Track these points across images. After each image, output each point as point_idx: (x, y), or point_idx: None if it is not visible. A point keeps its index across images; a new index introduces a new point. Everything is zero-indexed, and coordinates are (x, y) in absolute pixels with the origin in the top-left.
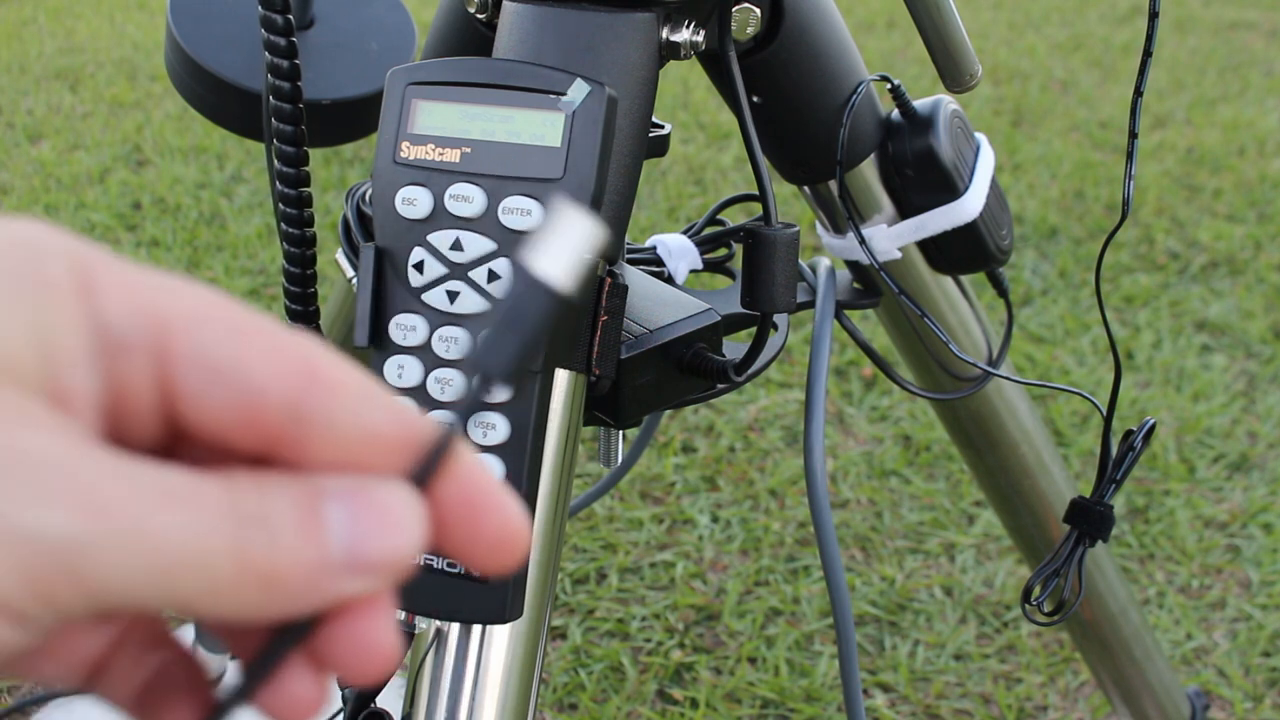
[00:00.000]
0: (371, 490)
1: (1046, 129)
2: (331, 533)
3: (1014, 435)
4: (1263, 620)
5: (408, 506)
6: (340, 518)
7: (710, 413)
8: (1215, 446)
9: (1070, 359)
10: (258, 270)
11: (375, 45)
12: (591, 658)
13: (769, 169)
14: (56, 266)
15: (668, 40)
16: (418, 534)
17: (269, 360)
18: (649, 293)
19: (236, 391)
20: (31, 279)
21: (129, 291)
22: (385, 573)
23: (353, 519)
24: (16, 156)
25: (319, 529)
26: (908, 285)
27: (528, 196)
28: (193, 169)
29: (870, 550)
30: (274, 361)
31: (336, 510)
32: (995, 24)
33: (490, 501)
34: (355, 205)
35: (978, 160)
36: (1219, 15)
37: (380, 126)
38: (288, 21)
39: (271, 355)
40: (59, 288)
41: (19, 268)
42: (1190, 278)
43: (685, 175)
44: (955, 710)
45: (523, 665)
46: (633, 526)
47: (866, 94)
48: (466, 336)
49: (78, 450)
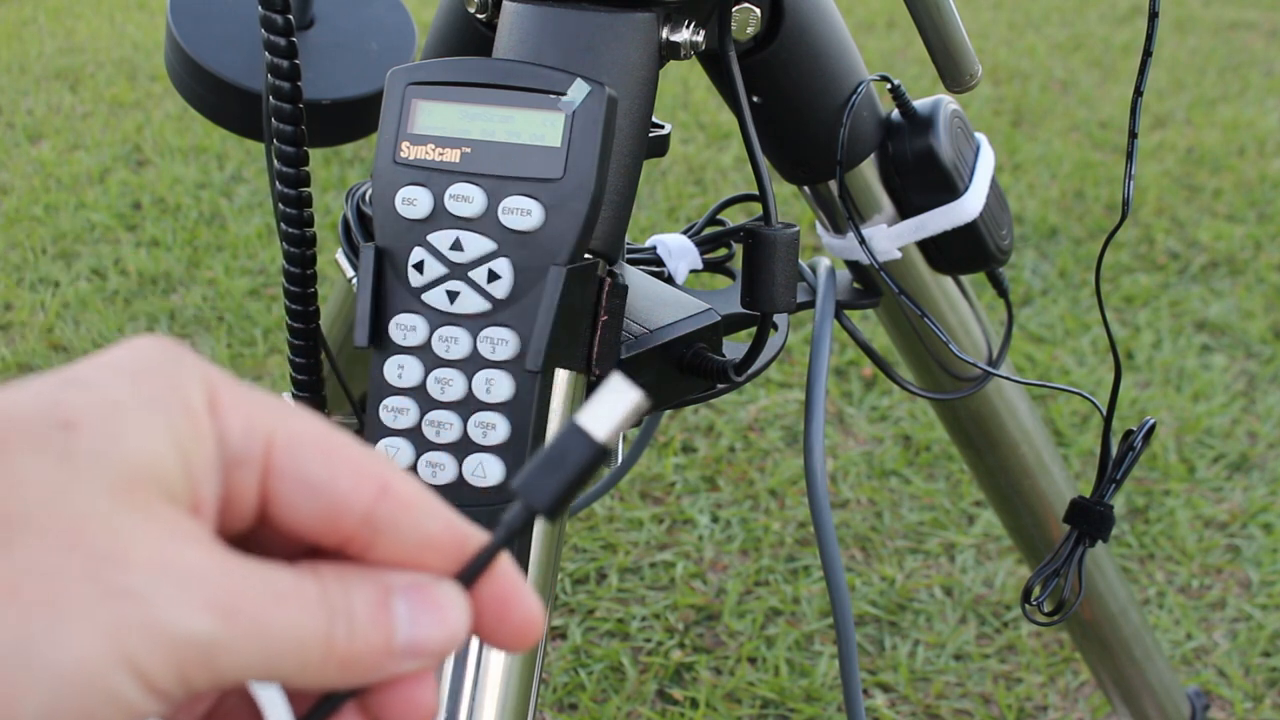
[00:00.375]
0: (430, 589)
1: (1046, 129)
2: (398, 624)
3: (1014, 435)
4: (1263, 620)
5: (458, 604)
6: (404, 612)
7: (710, 413)
8: (1215, 446)
9: (1070, 359)
10: (258, 270)
11: (375, 45)
12: (591, 658)
13: (769, 169)
14: (196, 391)
15: (668, 40)
16: (465, 627)
17: (352, 478)
18: (649, 293)
19: (325, 504)
20: (177, 404)
21: (244, 412)
22: (436, 657)
23: (414, 613)
24: (17, 156)
25: (389, 621)
26: (908, 285)
27: (528, 196)
28: (193, 169)
29: (870, 550)
30: (356, 479)
31: (402, 606)
32: (995, 24)
33: (518, 597)
34: (355, 205)
35: (978, 160)
36: (1219, 15)
37: (380, 126)
38: (288, 21)
39: (355, 474)
40: (197, 411)
41: (165, 393)
42: (1190, 278)
43: (685, 175)
44: (955, 710)
45: (523, 665)
46: (633, 526)
47: (866, 94)
48: (467, 336)
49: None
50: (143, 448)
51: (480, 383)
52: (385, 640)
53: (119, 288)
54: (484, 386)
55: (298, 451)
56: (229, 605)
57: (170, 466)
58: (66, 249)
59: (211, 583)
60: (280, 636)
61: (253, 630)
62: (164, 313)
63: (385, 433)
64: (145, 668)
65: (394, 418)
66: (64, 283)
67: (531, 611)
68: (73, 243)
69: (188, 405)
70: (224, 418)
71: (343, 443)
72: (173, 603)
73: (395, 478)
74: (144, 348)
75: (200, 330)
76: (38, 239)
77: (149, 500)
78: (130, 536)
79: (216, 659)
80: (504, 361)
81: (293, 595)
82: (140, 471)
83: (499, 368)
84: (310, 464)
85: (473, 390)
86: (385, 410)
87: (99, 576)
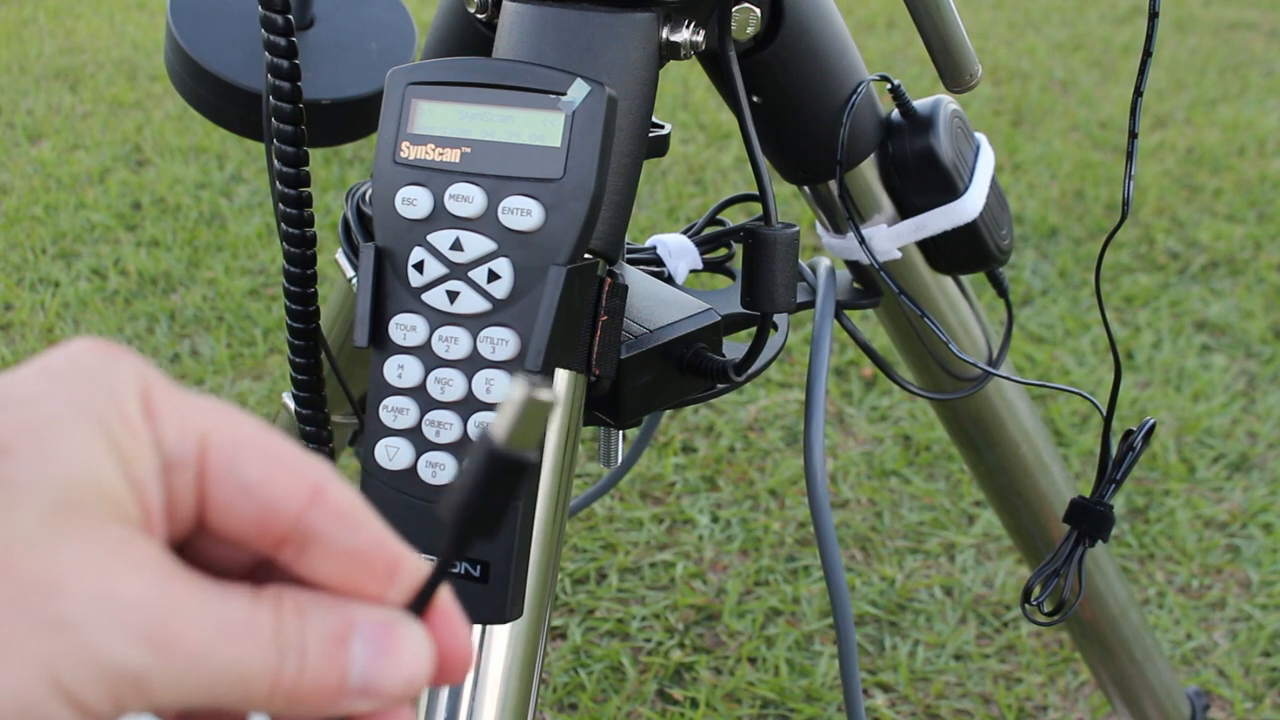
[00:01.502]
0: (394, 631)
1: (1046, 129)
2: (354, 664)
3: (1014, 435)
4: (1263, 620)
5: (420, 649)
6: (362, 651)
7: (710, 413)
8: (1215, 446)
9: (1070, 359)
10: (258, 270)
11: (375, 45)
12: (591, 658)
13: (769, 169)
14: (130, 395)
15: (668, 40)
16: (424, 674)
17: (286, 480)
18: (649, 293)
19: (258, 505)
20: (113, 412)
21: (178, 414)
22: (394, 700)
23: (372, 655)
24: (16, 156)
25: (343, 661)
26: (908, 285)
27: (528, 196)
28: (193, 169)
29: (870, 550)
30: (290, 481)
31: (360, 645)
32: (995, 24)
33: (455, 627)
34: (355, 205)
35: (978, 160)
36: (1219, 15)
37: (380, 126)
38: (288, 21)
39: (289, 476)
40: (133, 417)
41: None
42: (1190, 278)
43: (685, 175)
44: (955, 710)
45: (523, 665)
46: (633, 526)
47: (866, 94)
48: (467, 336)
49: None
50: (81, 464)
51: (480, 383)
52: (337, 681)
53: (119, 288)
54: (484, 386)
55: (232, 453)
56: (164, 636)
57: (113, 480)
58: (66, 249)
59: (148, 612)
60: (222, 668)
61: (190, 662)
62: (164, 313)
63: (385, 433)
64: (79, 695)
65: (394, 418)
66: (64, 283)
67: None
68: (73, 243)
69: (123, 412)
70: (159, 421)
71: (279, 445)
72: (105, 633)
73: (330, 484)
74: (76, 354)
75: (200, 330)
76: (38, 239)
77: (90, 522)
78: (66, 564)
79: (151, 688)
80: (504, 361)
81: (241, 627)
82: (79, 491)
83: (499, 368)
84: (244, 465)
85: (473, 390)
86: (385, 410)
87: (31, 606)
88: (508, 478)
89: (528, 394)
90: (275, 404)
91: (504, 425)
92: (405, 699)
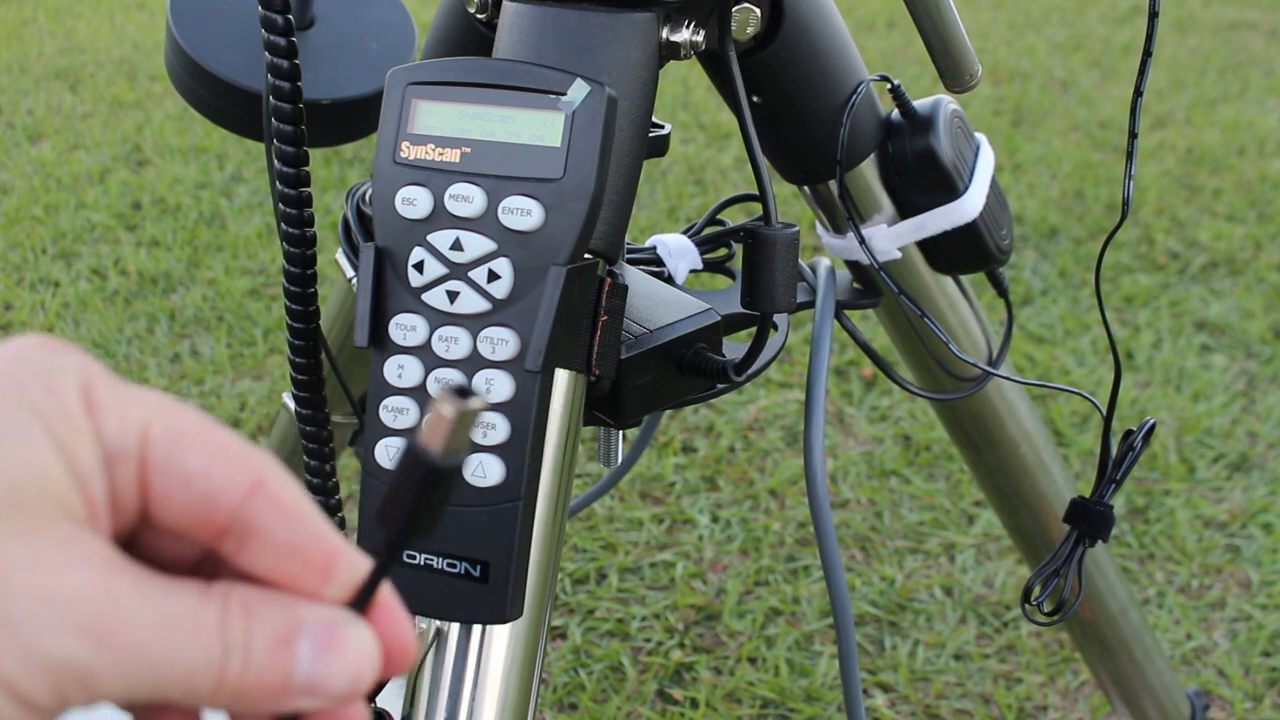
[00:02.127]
0: (341, 631)
1: (1046, 129)
2: (299, 663)
3: (1014, 435)
4: (1262, 620)
5: (366, 650)
6: (308, 651)
7: (710, 413)
8: (1215, 446)
9: (1070, 359)
10: (258, 270)
11: (375, 45)
12: (591, 658)
13: (769, 169)
14: (71, 392)
15: (668, 40)
16: (370, 674)
17: (226, 471)
18: (649, 293)
19: (198, 496)
20: (54, 407)
21: (119, 406)
22: (339, 700)
23: (318, 654)
24: (17, 156)
25: (289, 659)
26: (908, 285)
27: (528, 196)
28: (193, 169)
29: (870, 550)
30: (230, 472)
31: (306, 645)
32: (995, 24)
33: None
34: (355, 205)
35: (978, 160)
36: (1219, 15)
37: (380, 126)
38: (288, 21)
39: (229, 467)
40: (75, 413)
41: (41, 397)
42: (1190, 278)
43: (685, 175)
44: (955, 710)
45: (523, 665)
46: (633, 526)
47: (866, 94)
48: (467, 336)
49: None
50: (23, 461)
51: (480, 383)
52: (282, 679)
53: (119, 288)
54: (484, 386)
55: (173, 444)
56: (106, 631)
57: (57, 475)
58: (66, 249)
59: (90, 607)
60: (165, 663)
61: (132, 657)
62: (164, 313)
63: (385, 433)
64: (21, 689)
65: (394, 418)
66: (64, 283)
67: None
68: (73, 243)
69: (64, 406)
70: (100, 414)
71: (220, 436)
72: (47, 629)
73: (272, 477)
74: (16, 351)
75: (200, 330)
76: (38, 239)
77: (35, 518)
78: (8, 561)
79: (94, 682)
80: (504, 361)
81: (185, 622)
82: (23, 488)
83: (499, 368)
84: (185, 456)
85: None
86: (385, 410)
87: None
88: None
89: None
90: (275, 404)
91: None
92: (352, 697)
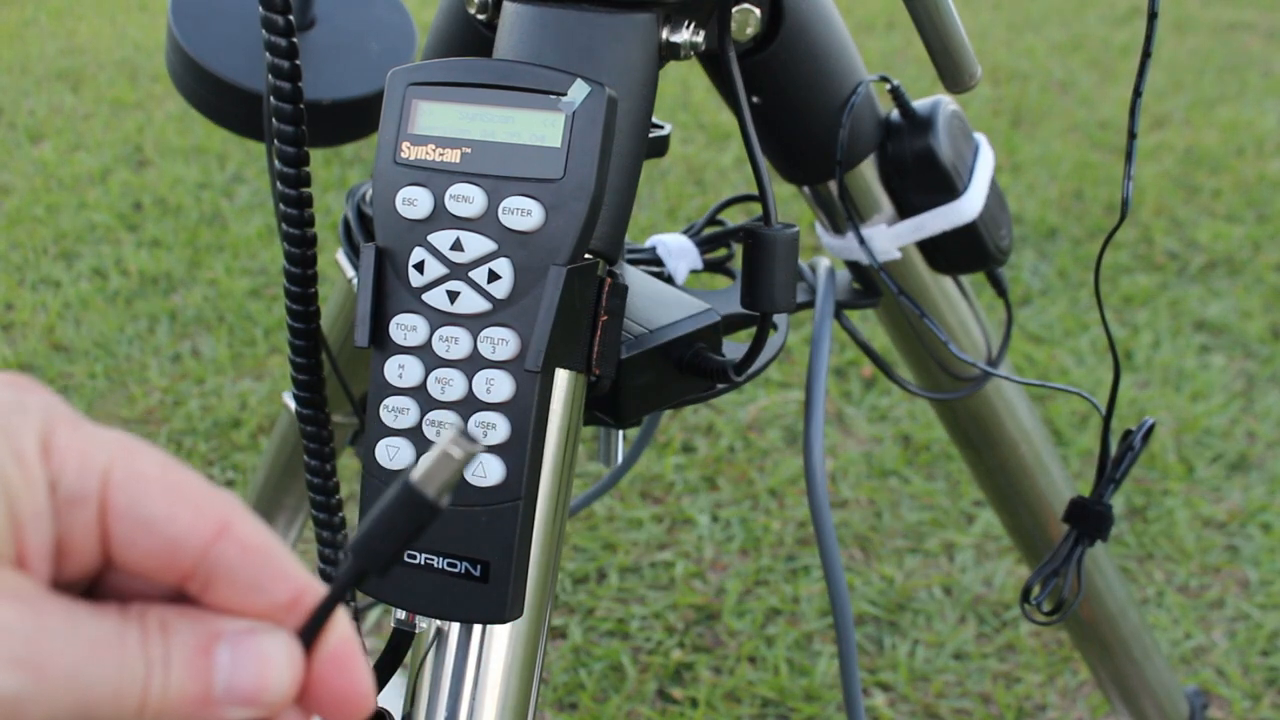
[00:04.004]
0: (258, 637)
1: (1046, 129)
2: (219, 672)
3: (1013, 435)
4: (1261, 620)
5: (284, 654)
6: (226, 660)
7: (710, 413)
8: (1214, 446)
9: (1069, 359)
10: (258, 270)
11: (376, 46)
12: (591, 657)
13: (769, 169)
14: (29, 434)
15: (667, 41)
16: (289, 679)
17: (191, 515)
18: (649, 293)
19: (160, 540)
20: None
21: (80, 451)
22: (261, 706)
23: (238, 661)
24: (18, 157)
25: (208, 670)
26: (907, 285)
27: (528, 197)
28: (194, 169)
29: (870, 550)
30: (195, 516)
31: (224, 654)
32: (995, 24)
33: (354, 663)
34: (356, 205)
35: (977, 160)
36: (1218, 16)
37: (381, 127)
38: (289, 22)
39: (194, 511)
40: (28, 457)
41: None
42: (1189, 278)
43: (685, 175)
44: (955, 710)
45: (523, 665)
46: (633, 526)
47: (866, 94)
48: (467, 336)
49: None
50: None
51: (480, 383)
52: (203, 689)
53: (120, 288)
54: (484, 386)
55: (134, 487)
56: (36, 660)
57: None
58: (68, 249)
59: (19, 638)
60: (93, 687)
61: (62, 684)
62: (165, 313)
63: (386, 433)
64: None
65: (394, 418)
66: (65, 283)
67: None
68: (74, 243)
69: (18, 452)
70: (59, 457)
71: (185, 480)
72: None
73: (238, 519)
74: None
75: (201, 330)
76: (39, 239)
77: None
78: None
79: (25, 711)
80: (504, 361)
81: (109, 644)
82: None
83: (499, 368)
84: (147, 500)
85: (473, 390)
86: (386, 410)
87: None
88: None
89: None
90: (276, 404)
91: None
92: (276, 706)
